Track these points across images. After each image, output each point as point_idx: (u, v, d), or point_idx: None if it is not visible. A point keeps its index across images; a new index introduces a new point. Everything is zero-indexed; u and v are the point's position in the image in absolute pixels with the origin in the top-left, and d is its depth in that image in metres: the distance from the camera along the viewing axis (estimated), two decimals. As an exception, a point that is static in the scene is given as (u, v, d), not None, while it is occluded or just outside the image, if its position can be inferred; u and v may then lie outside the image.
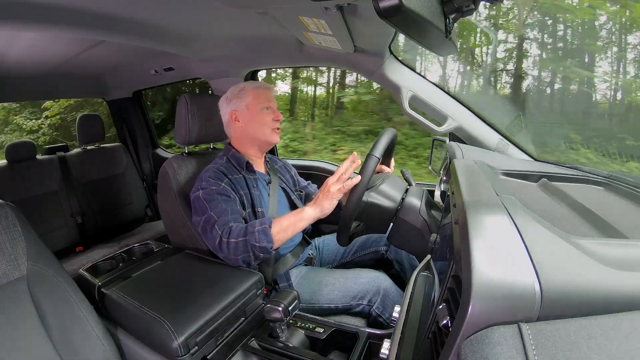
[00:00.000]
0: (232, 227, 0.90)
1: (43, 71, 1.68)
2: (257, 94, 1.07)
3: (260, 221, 0.90)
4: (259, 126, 1.06)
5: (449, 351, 0.31)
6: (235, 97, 1.08)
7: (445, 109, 1.18)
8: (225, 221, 0.91)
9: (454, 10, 0.60)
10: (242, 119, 1.08)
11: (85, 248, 1.86)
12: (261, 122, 1.06)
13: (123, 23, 1.05)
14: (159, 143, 2.37)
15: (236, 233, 0.89)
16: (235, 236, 0.88)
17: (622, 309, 0.28)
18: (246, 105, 1.06)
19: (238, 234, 0.88)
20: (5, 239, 0.73)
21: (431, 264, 0.72)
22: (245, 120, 1.07)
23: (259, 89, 1.08)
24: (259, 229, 0.88)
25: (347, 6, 0.76)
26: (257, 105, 1.06)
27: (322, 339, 0.84)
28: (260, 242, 0.87)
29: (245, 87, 1.09)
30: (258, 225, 0.89)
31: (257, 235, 0.87)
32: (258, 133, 1.07)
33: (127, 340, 0.85)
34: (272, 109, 1.08)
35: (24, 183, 1.69)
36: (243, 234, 0.88)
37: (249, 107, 1.06)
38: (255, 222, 0.90)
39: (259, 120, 1.06)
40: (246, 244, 0.87)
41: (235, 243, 0.87)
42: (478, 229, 0.37)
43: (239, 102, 1.07)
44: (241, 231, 0.89)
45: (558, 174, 0.77)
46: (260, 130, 1.07)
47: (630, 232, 0.44)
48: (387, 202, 0.91)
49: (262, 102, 1.06)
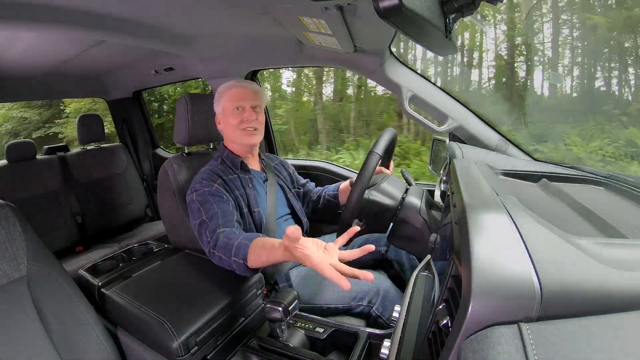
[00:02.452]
0: (219, 238, 0.85)
1: (43, 71, 1.68)
2: (229, 95, 1.05)
3: (235, 250, 0.81)
4: (231, 128, 1.05)
5: (449, 351, 0.31)
6: (217, 99, 1.08)
7: (446, 108, 1.18)
8: (215, 226, 0.88)
9: (454, 10, 0.60)
10: (221, 121, 1.08)
11: (85, 248, 1.86)
12: (231, 124, 1.04)
13: (123, 23, 1.05)
14: (159, 143, 2.37)
15: (220, 248, 0.84)
16: (219, 250, 0.85)
17: (622, 309, 0.28)
18: (222, 108, 1.06)
19: (220, 249, 0.84)
20: (5, 239, 0.73)
21: (431, 264, 0.72)
22: (223, 123, 1.07)
23: (232, 89, 1.06)
24: (234, 261, 0.82)
25: (347, 6, 0.76)
26: (229, 107, 1.05)
27: (322, 339, 0.84)
28: (239, 271, 0.83)
29: (222, 88, 1.08)
30: (234, 257, 0.81)
31: (234, 265, 0.82)
32: (233, 135, 1.06)
33: (127, 340, 0.85)
34: (244, 109, 1.04)
35: (24, 183, 1.69)
36: (224, 252, 0.83)
37: (224, 109, 1.06)
38: (232, 249, 0.81)
39: (230, 121, 1.05)
40: (229, 263, 0.83)
41: (219, 257, 0.85)
42: (478, 229, 0.37)
43: (218, 105, 1.08)
44: (222, 249, 0.84)
45: (558, 174, 0.77)
46: (233, 132, 1.05)
47: (630, 232, 0.44)
48: (387, 200, 0.91)
49: (234, 103, 1.04)
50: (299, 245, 0.65)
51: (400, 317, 0.60)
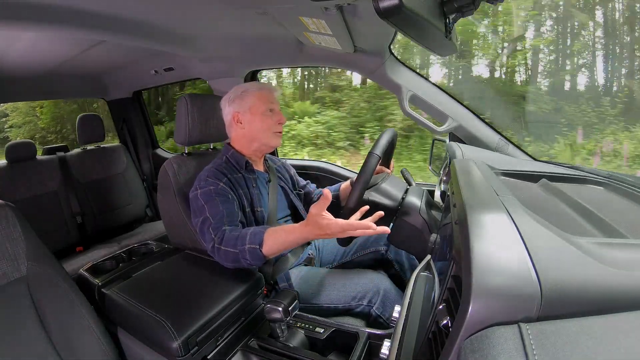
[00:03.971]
0: (225, 233, 0.87)
1: (43, 71, 1.67)
2: (260, 96, 1.05)
3: (250, 237, 0.84)
4: (262, 129, 1.05)
5: (449, 351, 0.31)
6: (238, 97, 1.07)
7: (445, 108, 1.18)
8: (219, 224, 0.89)
9: (454, 10, 0.60)
10: (245, 120, 1.07)
11: (85, 248, 1.86)
12: (263, 125, 1.05)
13: (123, 23, 1.05)
14: (158, 143, 2.37)
15: (227, 241, 0.86)
16: (226, 244, 0.86)
17: (622, 309, 0.28)
18: (249, 107, 1.05)
19: (228, 243, 0.86)
20: (5, 239, 0.73)
21: (431, 264, 0.72)
22: (248, 123, 1.06)
23: (262, 90, 1.07)
24: (248, 248, 0.83)
25: (347, 6, 0.76)
26: (260, 108, 1.05)
27: (322, 339, 0.84)
28: (250, 259, 0.84)
29: (248, 88, 1.08)
30: (248, 243, 0.84)
31: (247, 254, 0.84)
32: (260, 136, 1.06)
33: (127, 340, 0.85)
34: (276, 112, 1.07)
35: (24, 183, 1.69)
36: (233, 244, 0.85)
37: (251, 109, 1.05)
38: (247, 236, 0.84)
39: (262, 123, 1.05)
40: (236, 255, 0.85)
41: (225, 252, 0.85)
42: (478, 229, 0.37)
43: (242, 104, 1.06)
44: (231, 241, 0.85)
45: (558, 174, 0.77)
46: (263, 133, 1.06)
47: (630, 232, 0.44)
48: (387, 200, 0.91)
49: (265, 104, 1.05)
50: (325, 212, 0.78)
51: (400, 317, 0.60)
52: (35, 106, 6.89)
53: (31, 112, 7.12)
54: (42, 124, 6.97)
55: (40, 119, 7.03)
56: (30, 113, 7.13)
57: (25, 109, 7.03)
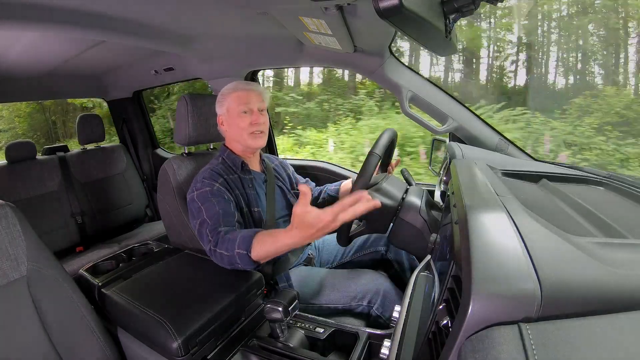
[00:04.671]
0: (220, 235, 0.87)
1: (43, 71, 1.68)
2: (236, 97, 1.05)
3: (239, 242, 0.82)
4: (238, 131, 1.05)
5: (449, 351, 0.31)
6: (219, 100, 1.08)
7: (446, 108, 1.18)
8: (216, 226, 0.89)
9: (454, 10, 0.60)
10: (225, 122, 1.08)
11: (85, 248, 1.86)
12: (238, 127, 1.05)
13: (123, 23, 1.05)
14: (158, 143, 2.37)
15: (222, 244, 0.85)
16: (221, 247, 0.85)
17: (622, 309, 0.28)
18: (227, 109, 1.06)
19: (222, 246, 0.85)
20: (5, 239, 0.73)
21: (431, 264, 0.72)
22: (228, 125, 1.07)
23: (237, 91, 1.06)
24: (237, 253, 0.82)
25: (347, 6, 0.76)
26: (235, 109, 1.04)
27: (322, 339, 0.83)
28: (241, 264, 0.83)
29: (226, 90, 1.08)
30: (237, 248, 0.82)
31: (237, 258, 0.83)
32: (238, 137, 1.06)
33: (127, 341, 0.85)
34: (251, 112, 1.05)
35: (24, 183, 1.69)
36: (226, 247, 0.84)
37: (229, 110, 1.06)
38: (237, 240, 0.83)
39: (237, 124, 1.05)
40: (230, 258, 0.84)
41: (221, 254, 0.85)
42: (478, 229, 0.37)
43: (222, 106, 1.07)
44: (225, 244, 0.85)
45: (558, 174, 0.77)
46: (240, 135, 1.05)
47: (630, 232, 0.44)
48: (388, 200, 0.91)
49: (240, 106, 1.04)
50: (309, 209, 0.70)
51: (400, 317, 0.60)
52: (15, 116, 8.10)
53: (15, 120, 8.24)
54: (20, 130, 8.11)
55: (18, 127, 8.21)
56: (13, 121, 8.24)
57: (8, 117, 8.09)
